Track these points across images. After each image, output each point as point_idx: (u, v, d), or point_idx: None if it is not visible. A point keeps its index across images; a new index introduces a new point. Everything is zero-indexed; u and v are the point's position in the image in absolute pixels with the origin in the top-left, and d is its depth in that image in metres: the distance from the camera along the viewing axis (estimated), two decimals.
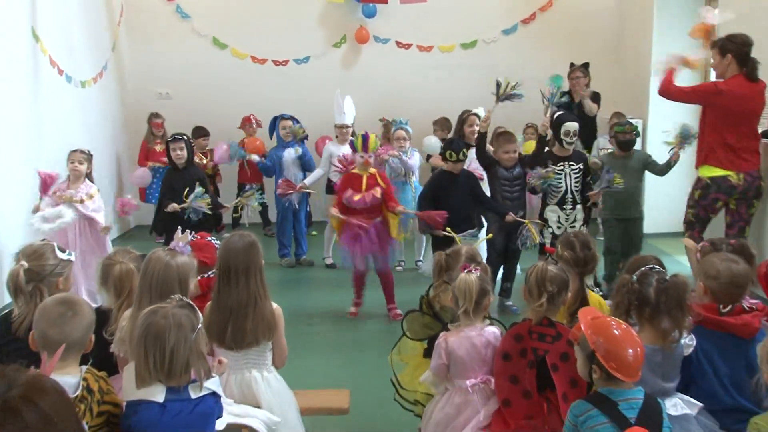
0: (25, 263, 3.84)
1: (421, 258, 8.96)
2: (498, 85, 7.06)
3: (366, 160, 7.00)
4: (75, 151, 7.17)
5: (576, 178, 7.06)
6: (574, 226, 6.99)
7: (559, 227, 7.01)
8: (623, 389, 3.05)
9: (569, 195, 7.03)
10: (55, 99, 8.62)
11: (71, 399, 1.45)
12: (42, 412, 1.21)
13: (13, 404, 1.19)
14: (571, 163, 7.08)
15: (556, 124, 7.11)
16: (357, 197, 6.87)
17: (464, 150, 6.90)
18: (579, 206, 7.08)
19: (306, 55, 11.51)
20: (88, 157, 7.17)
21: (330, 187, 8.93)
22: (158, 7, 11.37)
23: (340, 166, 7.49)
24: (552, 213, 7.08)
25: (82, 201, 6.98)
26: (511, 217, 6.87)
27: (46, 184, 6.81)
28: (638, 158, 7.54)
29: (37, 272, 3.87)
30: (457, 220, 6.57)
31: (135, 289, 3.80)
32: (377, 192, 6.90)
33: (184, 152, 7.51)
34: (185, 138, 7.69)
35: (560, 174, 7.01)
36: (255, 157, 9.12)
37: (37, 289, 3.82)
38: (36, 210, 6.74)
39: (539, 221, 6.97)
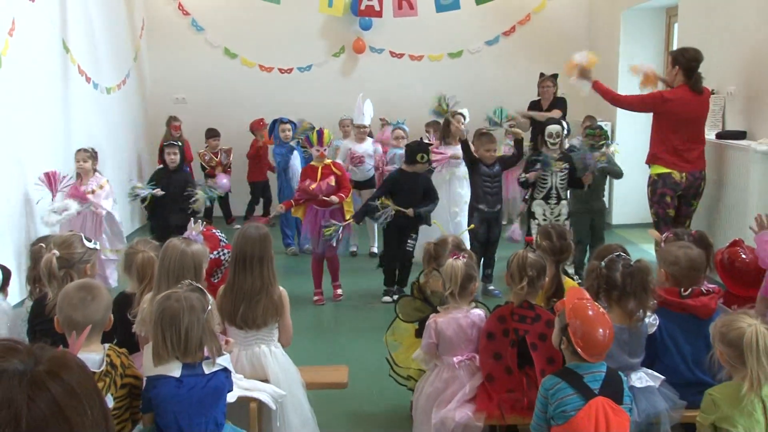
0: (56, 252, 3.84)
1: (375, 246, 8.98)
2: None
3: (321, 152, 7.01)
4: (79, 150, 7.21)
5: (561, 176, 6.99)
6: (558, 220, 6.93)
7: (545, 220, 6.93)
8: (588, 364, 3.09)
9: (554, 191, 6.96)
10: (83, 103, 8.58)
11: (92, 374, 1.44)
12: (67, 386, 1.20)
13: (40, 378, 1.18)
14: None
15: (540, 129, 7.10)
16: (313, 186, 6.89)
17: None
18: (564, 201, 7.01)
19: (309, 63, 11.47)
20: (92, 155, 7.20)
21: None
22: (175, 21, 11.32)
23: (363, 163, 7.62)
24: (538, 207, 7.02)
25: (93, 192, 7.01)
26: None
27: (50, 181, 6.79)
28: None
29: (67, 259, 3.89)
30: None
31: (155, 275, 3.78)
32: (332, 180, 6.93)
33: (177, 157, 7.55)
34: (180, 145, 7.73)
35: (547, 172, 6.95)
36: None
37: (68, 274, 3.83)
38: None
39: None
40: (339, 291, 7.28)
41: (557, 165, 6.89)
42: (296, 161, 8.91)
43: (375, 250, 9.02)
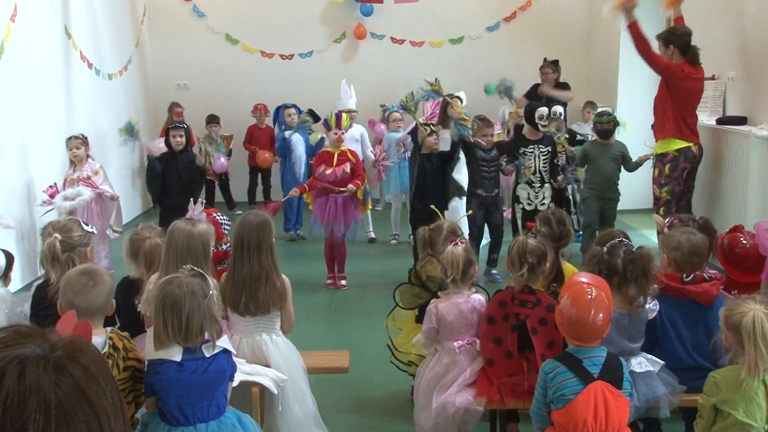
0: (58, 236, 3.85)
1: (397, 233, 8.92)
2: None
3: (339, 136, 6.91)
4: (70, 138, 7.12)
5: (544, 159, 7.04)
6: (544, 204, 6.94)
7: (529, 204, 7.01)
8: (588, 348, 3.09)
9: (537, 174, 7.02)
10: (85, 90, 8.56)
11: (103, 355, 1.45)
12: (85, 368, 1.21)
13: (60, 363, 1.19)
14: (540, 146, 7.06)
15: (528, 112, 7.12)
16: (328, 171, 6.79)
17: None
18: (547, 185, 7.07)
19: (310, 49, 11.43)
20: (84, 141, 7.13)
21: None
22: (177, 7, 11.27)
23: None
24: (522, 191, 7.08)
25: (89, 178, 6.96)
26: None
27: (51, 195, 6.74)
28: (617, 148, 7.47)
29: (68, 243, 3.90)
30: (432, 193, 6.55)
31: (163, 258, 3.78)
32: (347, 167, 6.82)
33: (183, 139, 7.53)
34: (185, 127, 7.75)
35: (531, 155, 7.00)
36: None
37: (70, 258, 3.84)
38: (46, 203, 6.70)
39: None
40: (343, 282, 7.14)
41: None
42: (300, 147, 8.87)
43: (373, 235, 8.98)
